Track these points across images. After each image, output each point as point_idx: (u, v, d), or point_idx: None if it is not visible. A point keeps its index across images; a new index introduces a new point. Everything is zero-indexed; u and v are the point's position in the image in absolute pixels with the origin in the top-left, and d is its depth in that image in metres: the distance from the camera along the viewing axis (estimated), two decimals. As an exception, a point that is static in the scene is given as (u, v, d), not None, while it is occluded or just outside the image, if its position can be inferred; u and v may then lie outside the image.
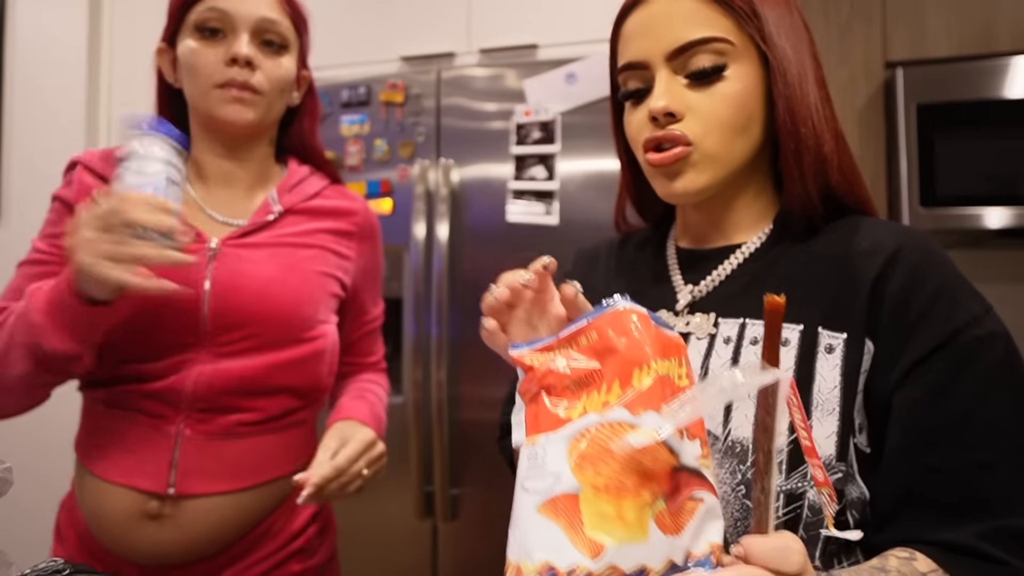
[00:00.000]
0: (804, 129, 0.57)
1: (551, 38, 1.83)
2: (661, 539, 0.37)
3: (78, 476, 0.82)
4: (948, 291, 0.52)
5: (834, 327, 0.54)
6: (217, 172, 0.83)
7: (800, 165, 0.58)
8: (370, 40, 1.96)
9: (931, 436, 0.50)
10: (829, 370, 0.53)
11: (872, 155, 1.78)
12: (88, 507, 0.78)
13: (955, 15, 1.75)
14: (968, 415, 0.49)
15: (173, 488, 0.75)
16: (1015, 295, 1.99)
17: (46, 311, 0.67)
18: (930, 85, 1.67)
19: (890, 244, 0.54)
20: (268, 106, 0.82)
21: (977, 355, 0.51)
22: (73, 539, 0.80)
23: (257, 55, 0.79)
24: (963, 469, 0.49)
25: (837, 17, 1.81)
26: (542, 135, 1.64)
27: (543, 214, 1.63)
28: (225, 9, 0.77)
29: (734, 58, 0.57)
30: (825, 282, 0.56)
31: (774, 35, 0.57)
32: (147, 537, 0.75)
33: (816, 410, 0.52)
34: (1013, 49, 1.70)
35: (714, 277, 0.62)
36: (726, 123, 0.57)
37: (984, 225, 1.63)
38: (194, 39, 0.79)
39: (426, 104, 1.75)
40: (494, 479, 1.62)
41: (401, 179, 1.75)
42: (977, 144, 1.65)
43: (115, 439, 0.77)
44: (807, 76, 0.58)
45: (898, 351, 0.52)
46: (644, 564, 0.36)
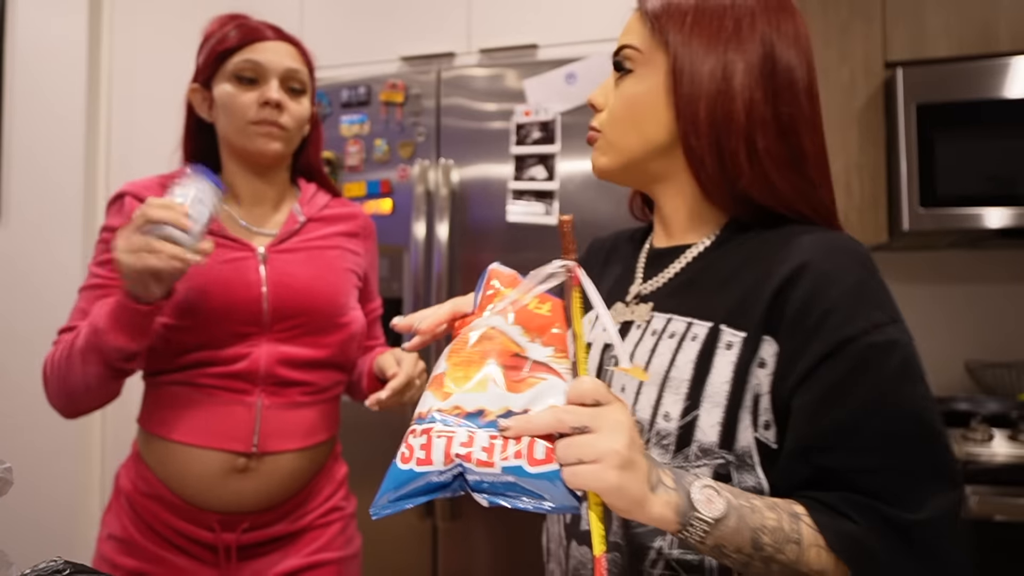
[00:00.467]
0: (694, 141, 0.61)
1: (551, 38, 1.83)
2: (499, 393, 0.50)
3: (152, 447, 0.96)
4: (848, 301, 0.54)
5: (736, 326, 0.58)
6: (249, 192, 1.01)
7: (699, 171, 0.62)
8: (370, 40, 1.96)
9: (822, 441, 0.52)
10: (724, 365, 0.57)
11: (872, 155, 1.78)
12: (172, 470, 0.93)
13: (955, 15, 1.75)
14: (857, 423, 0.51)
15: (256, 447, 0.93)
16: (1015, 295, 1.99)
17: (108, 316, 0.83)
18: (930, 85, 1.67)
19: (804, 254, 0.56)
20: (291, 139, 1.00)
21: (869, 363, 0.52)
22: (141, 500, 0.95)
23: (284, 98, 0.96)
24: (851, 474, 0.51)
25: (836, 17, 1.81)
26: (542, 135, 1.64)
27: (543, 214, 1.63)
28: (259, 61, 0.95)
29: (641, 64, 0.65)
30: (741, 284, 0.60)
31: (679, 49, 0.62)
32: (232, 489, 0.93)
33: (706, 401, 0.57)
34: (1013, 49, 1.70)
35: (664, 275, 0.68)
36: (620, 117, 0.66)
37: (984, 225, 1.63)
38: (231, 84, 0.96)
39: (426, 104, 1.75)
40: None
41: (401, 179, 1.75)
42: (977, 144, 1.65)
43: (200, 412, 0.93)
44: (715, 87, 0.61)
45: (797, 357, 0.54)
46: (483, 407, 0.50)
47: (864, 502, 0.50)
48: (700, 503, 0.48)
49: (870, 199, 1.77)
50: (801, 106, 0.62)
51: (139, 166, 2.13)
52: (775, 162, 0.60)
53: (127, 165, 2.14)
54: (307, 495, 1.00)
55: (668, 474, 0.49)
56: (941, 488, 0.50)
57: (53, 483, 2.06)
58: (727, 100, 0.60)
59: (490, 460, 0.47)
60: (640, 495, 0.47)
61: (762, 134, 0.60)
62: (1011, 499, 1.35)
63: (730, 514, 0.48)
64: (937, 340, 2.02)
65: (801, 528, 0.50)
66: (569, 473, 0.46)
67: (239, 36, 0.96)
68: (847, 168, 1.79)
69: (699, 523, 0.48)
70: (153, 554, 0.94)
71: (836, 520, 0.51)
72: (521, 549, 1.59)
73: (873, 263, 0.57)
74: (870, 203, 1.77)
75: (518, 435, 0.47)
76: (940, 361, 2.02)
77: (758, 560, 0.49)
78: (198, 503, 0.93)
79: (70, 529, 2.04)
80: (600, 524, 0.48)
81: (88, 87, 2.11)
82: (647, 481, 0.47)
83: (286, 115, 0.97)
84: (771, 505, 0.51)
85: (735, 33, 0.61)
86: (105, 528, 0.98)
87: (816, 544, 0.50)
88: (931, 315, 2.03)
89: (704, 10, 0.62)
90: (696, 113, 0.61)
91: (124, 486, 0.99)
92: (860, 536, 0.50)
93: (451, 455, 0.48)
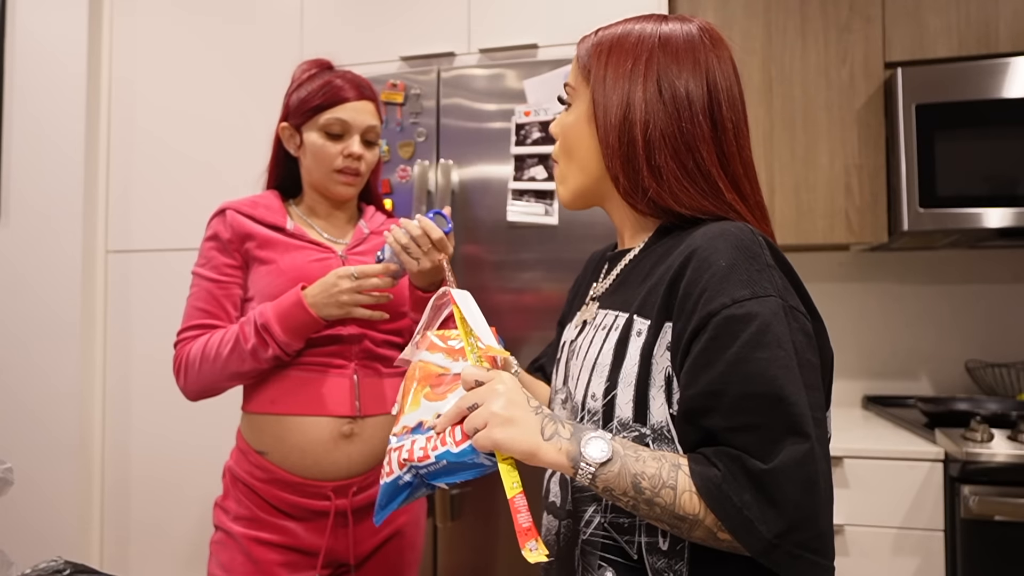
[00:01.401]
0: (610, 163, 0.72)
1: (551, 38, 1.83)
2: (428, 406, 0.70)
3: (265, 428, 1.13)
4: (716, 281, 0.60)
5: (643, 315, 0.67)
6: (326, 213, 1.24)
7: (619, 189, 0.73)
8: (370, 40, 1.96)
9: (699, 404, 0.59)
10: (635, 350, 0.66)
11: (872, 155, 1.78)
12: (289, 443, 1.11)
13: (955, 15, 1.75)
14: (721, 387, 0.58)
15: (360, 411, 1.13)
16: (1015, 295, 1.99)
17: (293, 333, 1.08)
18: (930, 85, 1.67)
19: (692, 245, 0.64)
20: (364, 182, 1.22)
21: (726, 333, 0.58)
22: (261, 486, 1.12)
23: (363, 150, 1.17)
24: (723, 432, 0.58)
25: (837, 17, 1.81)
26: (542, 135, 1.64)
27: (543, 214, 1.63)
28: (345, 119, 1.15)
29: (574, 98, 0.78)
30: (652, 278, 0.69)
31: (596, 85, 0.73)
32: (343, 452, 1.12)
33: (621, 382, 0.66)
34: (1013, 49, 1.70)
35: (610, 276, 0.79)
36: (562, 147, 0.78)
37: (984, 225, 1.63)
38: (320, 136, 1.16)
39: (426, 104, 1.75)
40: (494, 479, 1.62)
41: (401, 179, 1.75)
42: (977, 144, 1.65)
43: (311, 388, 1.12)
44: (621, 113, 0.71)
45: (680, 336, 0.62)
46: (420, 419, 0.70)
47: (732, 454, 0.57)
48: (588, 450, 0.59)
49: (870, 199, 1.77)
50: (699, 125, 0.70)
51: (139, 166, 2.13)
52: (673, 176, 0.69)
53: (127, 165, 2.14)
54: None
55: (568, 427, 0.61)
56: (794, 441, 0.55)
57: (53, 483, 2.06)
58: (631, 126, 0.70)
59: (426, 454, 0.65)
60: (530, 444, 0.59)
61: (658, 153, 0.69)
62: (1011, 499, 1.35)
63: (615, 460, 0.58)
64: (937, 340, 2.02)
65: (679, 476, 0.58)
66: (473, 441, 0.62)
67: (330, 96, 1.15)
68: (847, 168, 1.79)
69: (586, 467, 0.58)
70: (279, 526, 1.12)
71: (705, 468, 0.58)
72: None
73: (753, 247, 0.63)
74: (870, 203, 1.77)
75: (442, 428, 0.65)
76: (940, 361, 2.02)
77: (642, 503, 0.58)
78: (313, 474, 1.11)
79: (70, 529, 2.04)
80: (512, 472, 0.61)
81: (88, 87, 2.11)
82: (538, 432, 0.60)
83: (363, 163, 1.18)
84: (657, 456, 0.60)
85: (634, 68, 0.71)
86: (228, 513, 1.15)
87: (688, 490, 0.58)
88: (931, 315, 2.03)
89: (614, 50, 0.73)
90: (609, 139, 0.72)
91: (240, 476, 1.15)
92: (719, 481, 0.57)
93: (401, 461, 0.67)
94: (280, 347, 1.08)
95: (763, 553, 0.55)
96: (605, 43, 0.75)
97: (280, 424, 1.12)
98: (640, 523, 0.66)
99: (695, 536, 0.59)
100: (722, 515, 0.56)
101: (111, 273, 2.12)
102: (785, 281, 0.63)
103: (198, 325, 1.14)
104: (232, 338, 1.10)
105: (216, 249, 1.17)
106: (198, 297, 1.16)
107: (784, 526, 0.54)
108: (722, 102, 0.72)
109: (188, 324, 1.15)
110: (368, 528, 1.16)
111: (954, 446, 1.40)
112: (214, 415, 1.91)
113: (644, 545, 0.65)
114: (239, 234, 1.16)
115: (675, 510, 0.58)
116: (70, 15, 2.11)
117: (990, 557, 1.37)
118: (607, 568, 0.67)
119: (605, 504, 0.68)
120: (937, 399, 1.84)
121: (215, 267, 1.16)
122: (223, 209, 1.19)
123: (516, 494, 0.60)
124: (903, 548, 1.45)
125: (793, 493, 0.54)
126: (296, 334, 1.08)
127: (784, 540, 0.54)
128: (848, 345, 2.06)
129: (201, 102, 2.08)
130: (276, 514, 1.12)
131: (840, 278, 2.09)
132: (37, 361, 2.08)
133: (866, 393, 2.06)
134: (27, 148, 2.12)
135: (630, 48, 0.73)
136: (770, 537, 0.54)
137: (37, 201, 2.11)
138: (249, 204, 1.19)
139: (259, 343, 1.08)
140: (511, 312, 1.66)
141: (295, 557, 1.12)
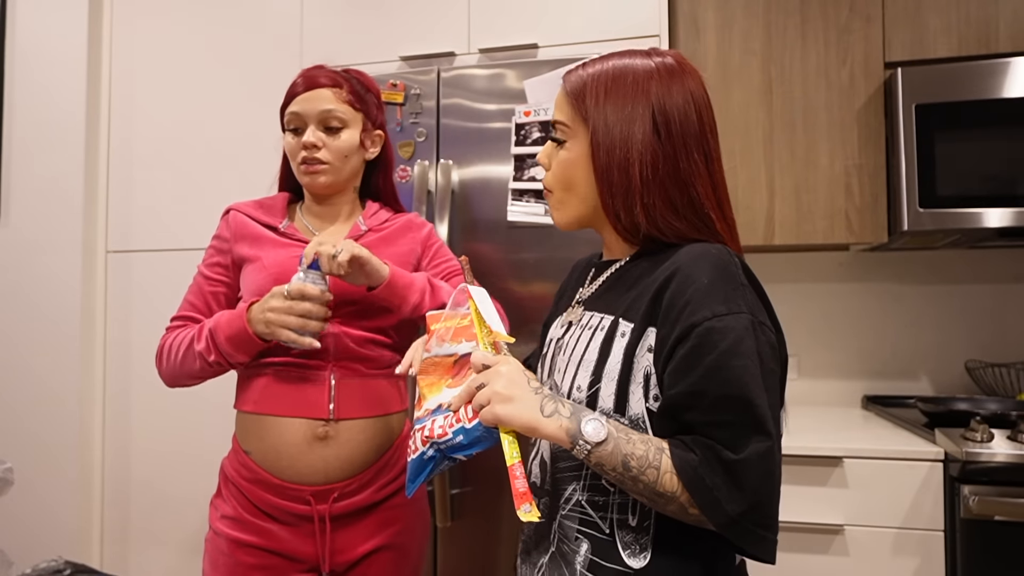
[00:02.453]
0: (609, 200, 0.78)
1: (551, 38, 1.83)
2: (449, 392, 0.81)
3: (249, 427, 1.14)
4: (699, 296, 0.68)
5: (628, 319, 0.75)
6: (318, 212, 1.24)
7: (609, 214, 0.79)
8: (370, 40, 1.96)
9: (681, 402, 0.67)
10: (619, 349, 0.74)
11: (872, 155, 1.78)
12: (267, 443, 1.11)
13: (955, 15, 1.75)
14: (700, 389, 0.66)
15: (333, 414, 1.11)
16: (1015, 295, 1.99)
17: (230, 342, 1.08)
18: (930, 85, 1.67)
19: (678, 262, 0.72)
20: (338, 170, 1.18)
21: (707, 343, 0.66)
22: (246, 485, 1.13)
23: (322, 137, 1.15)
24: (700, 426, 0.66)
25: (837, 17, 1.81)
26: (542, 135, 1.64)
27: (543, 214, 1.63)
28: (297, 111, 1.15)
29: (570, 136, 0.81)
30: (638, 287, 0.76)
31: (596, 127, 0.77)
32: (318, 455, 1.10)
33: (605, 376, 0.74)
34: (1013, 49, 1.70)
35: (596, 283, 0.86)
36: (559, 180, 0.83)
37: (984, 225, 1.63)
38: (288, 135, 1.18)
39: (426, 104, 1.75)
40: (494, 479, 1.63)
41: (401, 179, 1.75)
42: (977, 144, 1.65)
43: (287, 389, 1.12)
44: (622, 155, 0.76)
45: (665, 341, 0.70)
46: (440, 402, 0.80)
47: (707, 443, 0.66)
48: (587, 430, 0.67)
49: (870, 199, 1.77)
50: (695, 163, 0.76)
51: (139, 166, 2.13)
52: (663, 215, 0.76)
53: (127, 165, 2.14)
54: (385, 464, 1.17)
55: (568, 406, 0.69)
56: (759, 438, 0.65)
57: (53, 483, 2.06)
58: (629, 167, 0.76)
59: (444, 431, 0.75)
60: (529, 419, 0.68)
61: (653, 194, 0.75)
62: (1011, 499, 1.35)
63: (609, 440, 0.66)
64: (937, 340, 2.02)
65: (662, 459, 0.67)
66: (480, 417, 0.70)
67: (288, 94, 1.17)
68: (847, 168, 1.79)
69: (584, 443, 0.66)
70: (261, 528, 1.11)
71: (685, 453, 0.67)
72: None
73: (730, 267, 0.71)
74: (870, 203, 1.77)
75: (456, 407, 0.75)
76: (940, 361, 2.02)
77: (628, 479, 0.67)
78: (290, 476, 1.11)
79: (70, 529, 2.04)
80: (512, 444, 0.70)
81: (88, 87, 2.11)
82: (537, 409, 0.68)
83: (324, 151, 1.15)
84: (644, 440, 0.68)
85: (632, 111, 0.76)
86: (218, 511, 1.16)
87: (669, 471, 0.66)
88: (931, 315, 2.03)
89: (611, 92, 0.77)
90: (610, 178, 0.77)
91: (231, 475, 1.16)
92: (696, 465, 0.65)
93: (424, 438, 0.78)
94: (222, 355, 1.09)
95: (726, 527, 0.64)
96: (600, 83, 0.79)
97: (260, 424, 1.13)
98: (613, 502, 0.74)
99: (668, 510, 0.68)
100: (695, 494, 0.65)
101: (111, 273, 2.12)
102: (755, 298, 0.71)
103: (183, 316, 1.19)
104: (189, 338, 1.12)
105: (215, 248, 1.21)
106: (191, 291, 1.21)
107: (745, 506, 0.64)
108: (707, 133, 0.78)
109: (177, 314, 1.19)
110: (353, 537, 1.14)
111: (954, 446, 1.40)
112: (214, 415, 1.91)
113: (616, 521, 0.74)
114: (236, 234, 1.19)
115: (656, 487, 0.66)
116: (70, 15, 2.11)
117: (990, 557, 1.37)
118: (583, 540, 0.75)
119: (583, 484, 0.77)
120: (937, 399, 1.84)
121: (210, 265, 1.20)
122: (228, 209, 1.23)
123: (515, 462, 0.69)
124: (903, 548, 1.45)
125: (755, 480, 0.64)
126: (233, 345, 1.08)
127: (744, 518, 0.64)
128: (848, 345, 2.06)
129: (201, 102, 2.08)
130: (260, 516, 1.12)
131: (840, 278, 2.09)
132: (37, 361, 2.08)
133: (866, 393, 2.06)
134: (27, 148, 2.12)
135: (628, 90, 0.77)
136: (733, 515, 0.64)
137: (37, 201, 2.11)
138: (253, 205, 1.23)
139: (205, 348, 1.10)
140: (510, 312, 1.66)
141: (275, 561, 1.11)
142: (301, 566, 1.13)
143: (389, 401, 1.19)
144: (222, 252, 1.20)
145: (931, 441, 1.51)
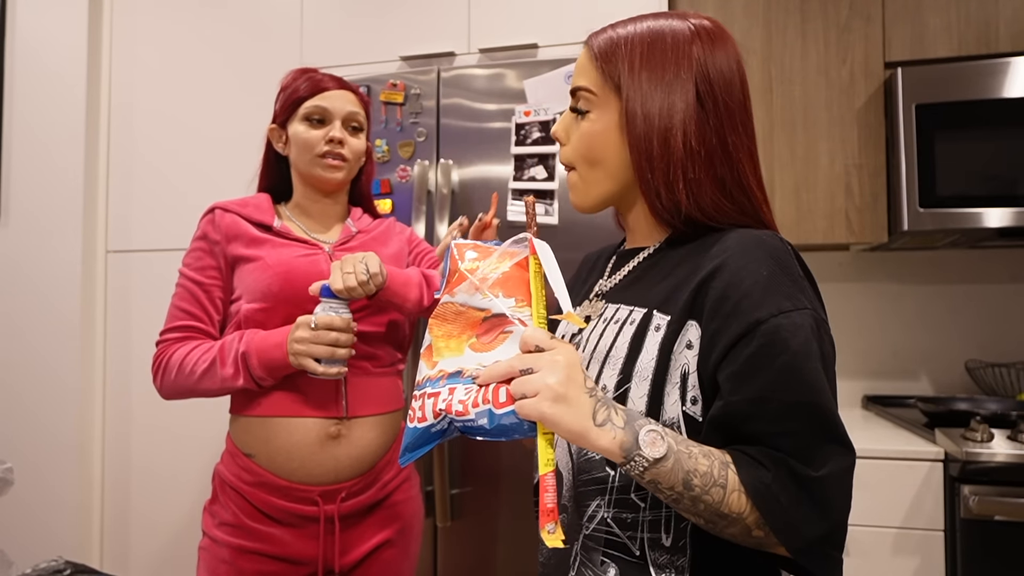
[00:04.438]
0: (648, 175, 0.68)
1: (551, 38, 1.83)
2: (473, 355, 0.63)
3: (252, 431, 1.12)
4: (760, 290, 0.60)
5: (664, 311, 0.66)
6: (314, 210, 1.24)
7: (647, 192, 0.70)
8: (370, 40, 1.96)
9: (743, 409, 0.59)
10: (652, 345, 0.65)
11: (872, 155, 1.78)
12: (276, 445, 1.10)
13: (955, 15, 1.75)
14: (769, 394, 0.58)
15: (346, 412, 1.12)
16: (1015, 295, 1.99)
17: (265, 368, 1.07)
18: (930, 85, 1.67)
19: (727, 251, 0.64)
20: (351, 169, 1.22)
21: (775, 343, 0.58)
22: (248, 489, 1.11)
23: (345, 136, 1.18)
24: (766, 436, 0.58)
25: (837, 17, 1.81)
26: (542, 135, 1.64)
27: (543, 214, 1.63)
28: (326, 106, 1.17)
29: (596, 105, 0.71)
30: (675, 277, 0.67)
31: (630, 93, 0.68)
32: (329, 454, 1.11)
33: (636, 375, 0.65)
34: (1013, 49, 1.70)
35: (621, 272, 0.77)
36: (582, 154, 0.73)
37: (984, 225, 1.63)
38: (303, 125, 1.18)
39: (426, 104, 1.75)
40: (494, 479, 1.62)
41: (401, 179, 1.75)
42: (977, 144, 1.65)
43: (296, 388, 1.11)
44: (663, 124, 0.67)
45: (717, 338, 0.61)
46: (460, 367, 0.63)
47: (778, 456, 0.57)
48: (645, 443, 0.55)
49: (870, 199, 1.77)
50: (740, 136, 0.69)
51: (139, 166, 2.13)
52: (709, 192, 0.68)
53: (127, 165, 2.14)
54: (388, 461, 1.19)
55: (621, 414, 0.57)
56: (838, 451, 0.58)
57: (53, 483, 2.06)
58: (671, 136, 0.67)
59: (465, 410, 0.60)
60: (579, 426, 0.55)
61: (697, 167, 0.67)
62: (1011, 499, 1.35)
63: (669, 456, 0.56)
64: (937, 340, 2.02)
65: (728, 475, 0.57)
66: (518, 406, 0.56)
67: (310, 87, 1.18)
68: (847, 168, 1.79)
69: (640, 459, 0.55)
70: (263, 533, 1.10)
71: (755, 469, 0.57)
72: (521, 549, 1.59)
73: (787, 258, 0.63)
74: (870, 203, 1.77)
75: (486, 383, 0.59)
76: (940, 361, 2.02)
77: (687, 499, 0.57)
78: (300, 477, 1.10)
79: (70, 529, 2.04)
80: (548, 449, 0.57)
81: (88, 87, 2.11)
82: (589, 415, 0.55)
83: (346, 149, 1.18)
84: (706, 453, 0.58)
85: (675, 74, 0.68)
86: (215, 518, 1.14)
87: (737, 489, 0.57)
88: (931, 315, 2.03)
89: (648, 56, 0.68)
90: (650, 150, 0.68)
91: (229, 480, 1.13)
92: (769, 483, 0.56)
93: (436, 410, 0.62)
94: (253, 380, 1.08)
95: (801, 552, 0.57)
96: (635, 45, 0.69)
97: (266, 426, 1.11)
98: (644, 519, 0.65)
99: (727, 533, 0.59)
100: (768, 516, 0.56)
101: (111, 273, 2.12)
102: (814, 293, 0.64)
103: (180, 327, 1.15)
104: (209, 359, 1.10)
105: (203, 250, 1.18)
106: (182, 297, 1.16)
107: (825, 531, 0.56)
108: (749, 107, 0.70)
109: (170, 325, 1.15)
110: (356, 536, 1.15)
111: (954, 446, 1.40)
112: (214, 415, 1.91)
113: (647, 541, 0.65)
114: (226, 234, 1.16)
115: (720, 508, 0.57)
116: (70, 15, 2.11)
117: (990, 557, 1.37)
118: (610, 565, 0.66)
119: (609, 499, 0.67)
120: (937, 399, 1.84)
121: (200, 268, 1.17)
122: (213, 208, 1.20)
123: (548, 472, 0.56)
124: (903, 548, 1.45)
125: (837, 501, 0.57)
126: (267, 371, 1.08)
127: (823, 543, 0.56)
128: (848, 345, 2.06)
129: (201, 102, 2.08)
130: (263, 520, 1.10)
131: (840, 278, 2.09)
132: (37, 361, 2.08)
133: (866, 393, 2.06)
134: (27, 148, 2.12)
135: (667, 53, 0.68)
136: (811, 539, 0.56)
137: (37, 201, 2.11)
138: (239, 203, 1.20)
139: (234, 372, 1.08)
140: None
141: (280, 567, 1.10)
142: (303, 570, 1.12)
143: (394, 398, 1.21)
144: (212, 254, 1.17)
145: (931, 441, 1.51)
